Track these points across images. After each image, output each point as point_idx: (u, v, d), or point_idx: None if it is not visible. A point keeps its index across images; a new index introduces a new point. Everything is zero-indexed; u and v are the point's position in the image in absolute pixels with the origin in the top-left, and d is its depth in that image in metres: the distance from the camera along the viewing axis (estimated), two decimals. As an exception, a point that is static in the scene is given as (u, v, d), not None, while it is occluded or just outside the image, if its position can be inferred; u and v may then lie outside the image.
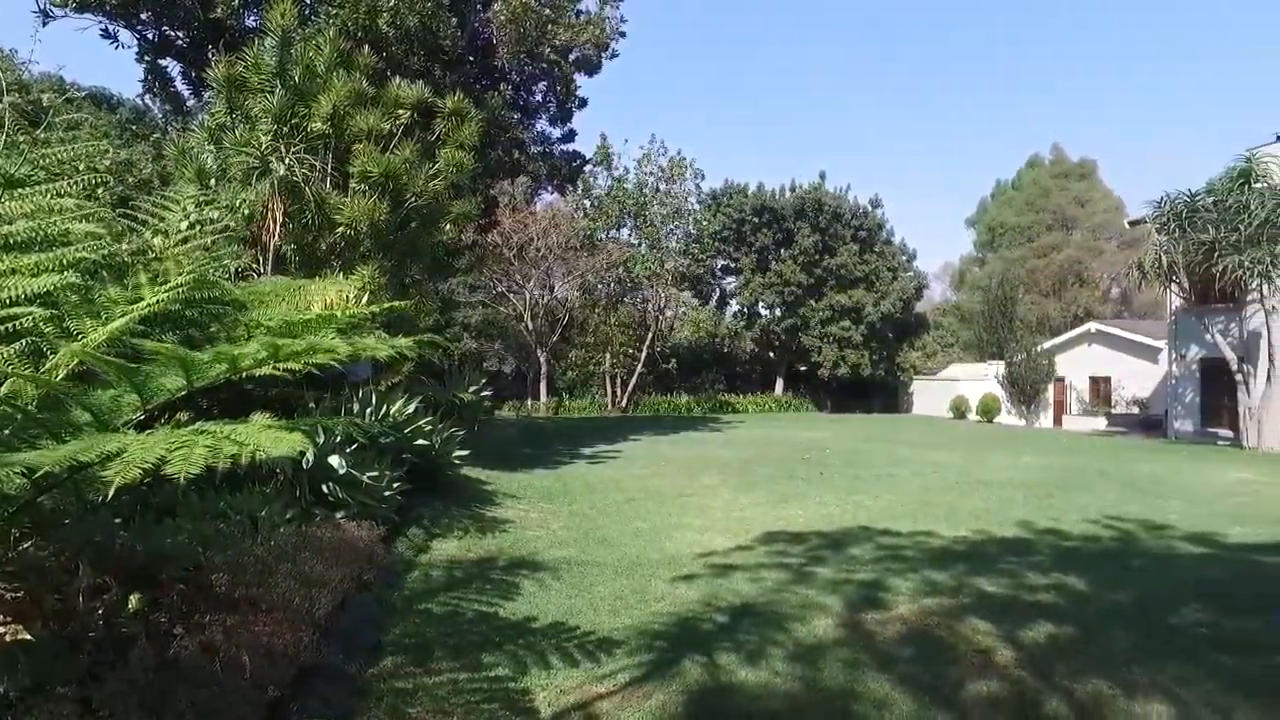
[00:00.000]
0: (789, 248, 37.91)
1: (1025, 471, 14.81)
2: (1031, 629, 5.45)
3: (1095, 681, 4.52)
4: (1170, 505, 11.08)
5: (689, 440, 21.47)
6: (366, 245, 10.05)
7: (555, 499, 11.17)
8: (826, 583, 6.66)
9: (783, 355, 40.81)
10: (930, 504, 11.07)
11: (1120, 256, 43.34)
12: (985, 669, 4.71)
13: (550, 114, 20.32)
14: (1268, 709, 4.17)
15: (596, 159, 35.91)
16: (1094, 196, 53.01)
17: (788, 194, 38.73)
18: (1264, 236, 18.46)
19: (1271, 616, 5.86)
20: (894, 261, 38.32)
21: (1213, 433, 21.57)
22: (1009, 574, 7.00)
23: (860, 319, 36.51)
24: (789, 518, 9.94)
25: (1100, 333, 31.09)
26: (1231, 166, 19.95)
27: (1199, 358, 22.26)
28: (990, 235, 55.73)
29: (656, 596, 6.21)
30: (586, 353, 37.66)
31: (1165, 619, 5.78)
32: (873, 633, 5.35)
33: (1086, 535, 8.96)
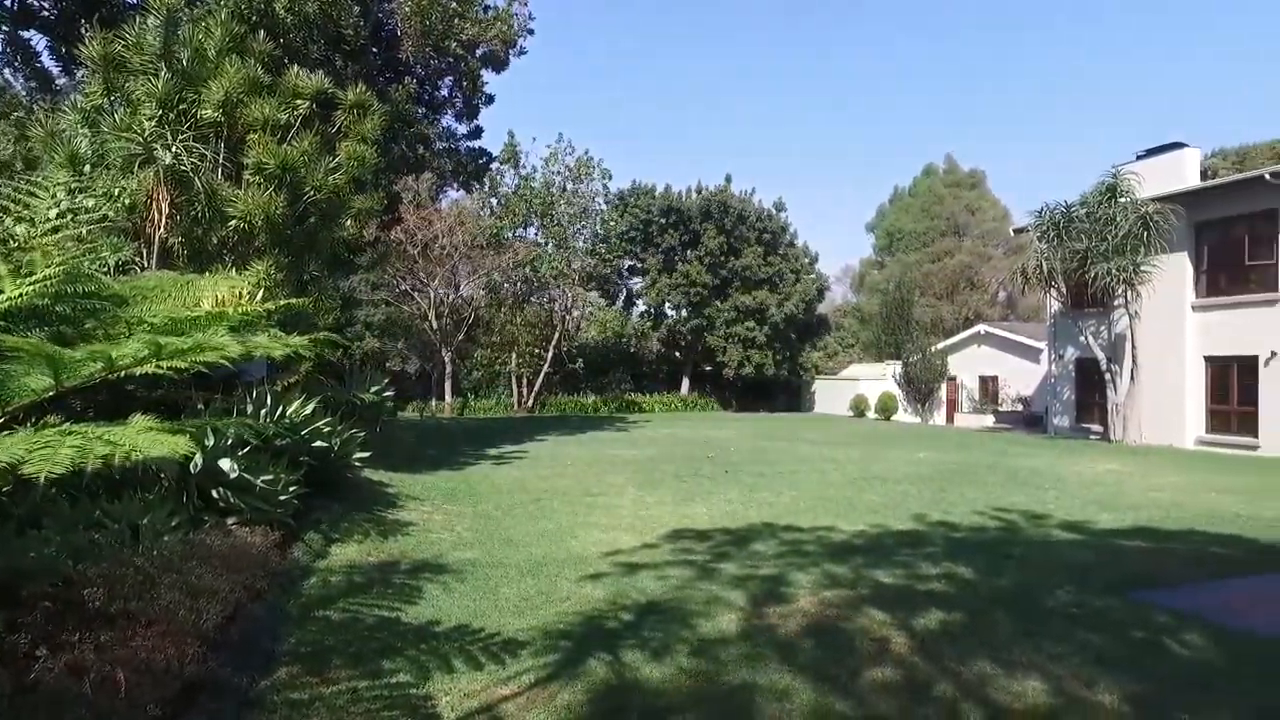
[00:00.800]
0: (695, 249, 38.39)
1: (920, 467, 15.45)
2: (924, 616, 5.69)
3: (980, 663, 4.76)
4: (1048, 496, 11.79)
5: (595, 440, 21.48)
6: (262, 240, 9.62)
7: (460, 500, 10.97)
8: (731, 578, 6.78)
9: (688, 355, 41.31)
10: (830, 499, 11.42)
11: (1007, 262, 45.71)
12: (881, 656, 4.89)
13: (456, 110, 19.96)
14: (1124, 678, 4.50)
15: (503, 157, 35.49)
16: (983, 205, 55.84)
17: (694, 196, 39.22)
18: (1128, 247, 19.87)
19: (1130, 594, 6.32)
20: (797, 264, 39.30)
21: (1085, 428, 23.05)
22: (904, 565, 7.29)
23: (764, 320, 37.30)
24: (694, 515, 10.06)
25: (989, 334, 32.75)
26: (1100, 181, 21.38)
27: (1074, 358, 23.75)
28: (888, 240, 57.93)
29: (562, 596, 6.19)
30: (492, 352, 37.17)
31: (1042, 601, 6.14)
32: (775, 626, 5.47)
33: (975, 526, 9.42)
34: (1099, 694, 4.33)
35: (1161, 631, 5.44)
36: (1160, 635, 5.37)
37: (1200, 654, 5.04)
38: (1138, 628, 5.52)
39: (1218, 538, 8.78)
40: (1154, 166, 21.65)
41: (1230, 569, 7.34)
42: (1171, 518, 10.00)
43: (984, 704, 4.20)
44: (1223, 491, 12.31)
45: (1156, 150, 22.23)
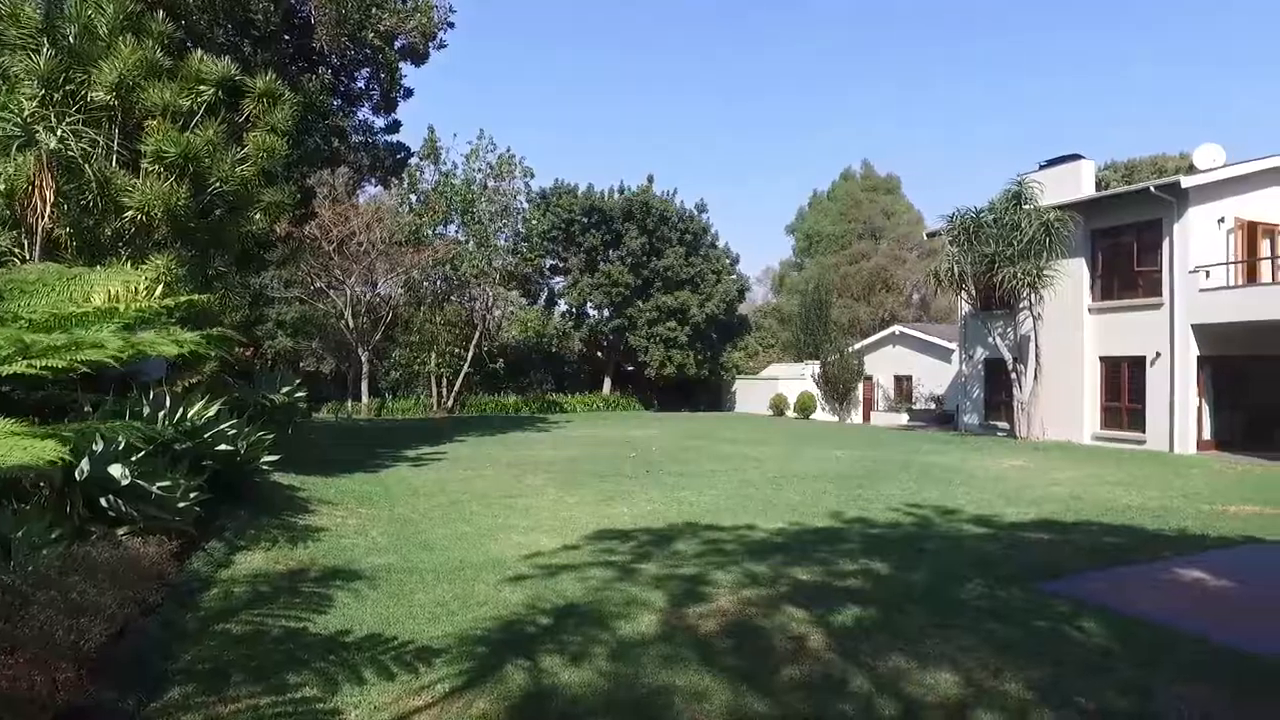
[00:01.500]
0: (617, 249, 38.39)
1: (837, 465, 15.79)
2: (841, 613, 5.78)
3: (895, 657, 4.86)
4: (959, 491, 12.20)
5: (516, 440, 21.22)
6: (163, 232, 9.11)
7: (375, 504, 10.65)
8: (651, 579, 6.76)
9: (610, 355, 41.29)
10: (751, 498, 11.54)
11: (920, 265, 47.35)
12: (799, 654, 4.94)
13: (374, 103, 19.38)
14: (1029, 666, 4.66)
15: (423, 152, 34.73)
16: (898, 209, 57.65)
17: (616, 196, 39.19)
18: (1032, 252, 20.78)
19: (1033, 585, 6.57)
20: (718, 264, 39.71)
21: (993, 425, 24.00)
22: (822, 562, 7.41)
23: (686, 320, 37.55)
24: (615, 516, 10.02)
25: (903, 335, 33.75)
26: (1007, 189, 22.29)
27: (983, 358, 24.69)
28: (808, 242, 59.17)
29: (480, 601, 6.05)
30: (411, 352, 36.32)
31: (953, 594, 6.33)
32: (695, 626, 5.47)
33: (890, 522, 9.67)
34: (1005, 683, 4.46)
35: (1062, 620, 5.67)
36: (1061, 623, 5.59)
37: (1097, 640, 5.26)
38: (1041, 617, 5.74)
39: (1111, 528, 9.25)
40: (1054, 176, 22.71)
41: (1123, 557, 7.72)
42: (1070, 510, 10.47)
43: (898, 698, 4.28)
44: (1115, 484, 12.97)
45: (1056, 161, 23.30)
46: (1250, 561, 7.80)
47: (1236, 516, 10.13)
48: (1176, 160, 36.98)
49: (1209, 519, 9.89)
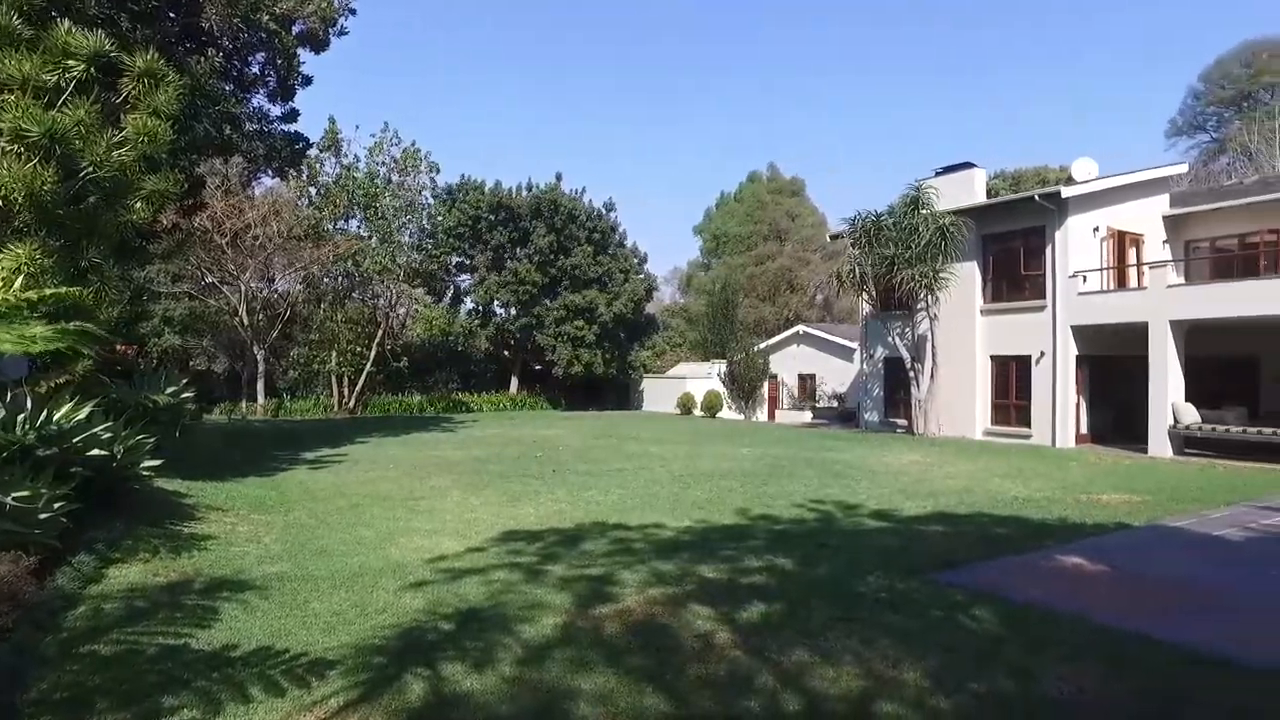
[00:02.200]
0: (525, 247, 37.97)
1: (743, 463, 16.02)
2: (747, 609, 5.82)
3: (799, 652, 4.91)
4: (860, 487, 12.55)
5: (420, 441, 20.70)
6: (25, 219, 8.39)
7: (269, 509, 10.16)
8: (558, 580, 6.66)
9: (518, 354, 40.82)
10: (658, 497, 11.57)
11: (824, 266, 48.70)
12: (706, 652, 4.93)
13: (269, 90, 18.50)
14: (926, 655, 4.79)
15: (324, 144, 33.48)
16: (803, 212, 59.05)
17: (524, 193, 38.76)
18: (929, 255, 21.62)
19: (930, 576, 6.80)
20: (626, 264, 39.79)
21: (893, 422, 24.85)
22: (728, 560, 7.46)
23: (594, 319, 37.47)
24: (522, 517, 9.87)
25: (807, 334, 34.56)
26: (905, 194, 23.10)
27: (883, 357, 25.53)
28: (715, 243, 59.95)
29: (379, 608, 5.82)
30: (311, 351, 34.96)
31: (854, 588, 6.47)
32: (601, 627, 5.40)
33: (794, 518, 9.84)
34: (904, 673, 4.57)
35: (957, 609, 5.87)
36: (956, 612, 5.79)
37: (988, 627, 5.47)
38: (937, 607, 5.92)
39: (1001, 519, 9.69)
40: (949, 182, 23.69)
41: (1011, 547, 8.09)
42: (964, 503, 10.92)
43: (802, 692, 4.32)
44: (1004, 477, 13.62)
45: (951, 168, 24.33)
46: (1121, 545, 8.29)
47: (1109, 505, 10.77)
48: (1057, 172, 39.18)
49: (1086, 508, 10.48)
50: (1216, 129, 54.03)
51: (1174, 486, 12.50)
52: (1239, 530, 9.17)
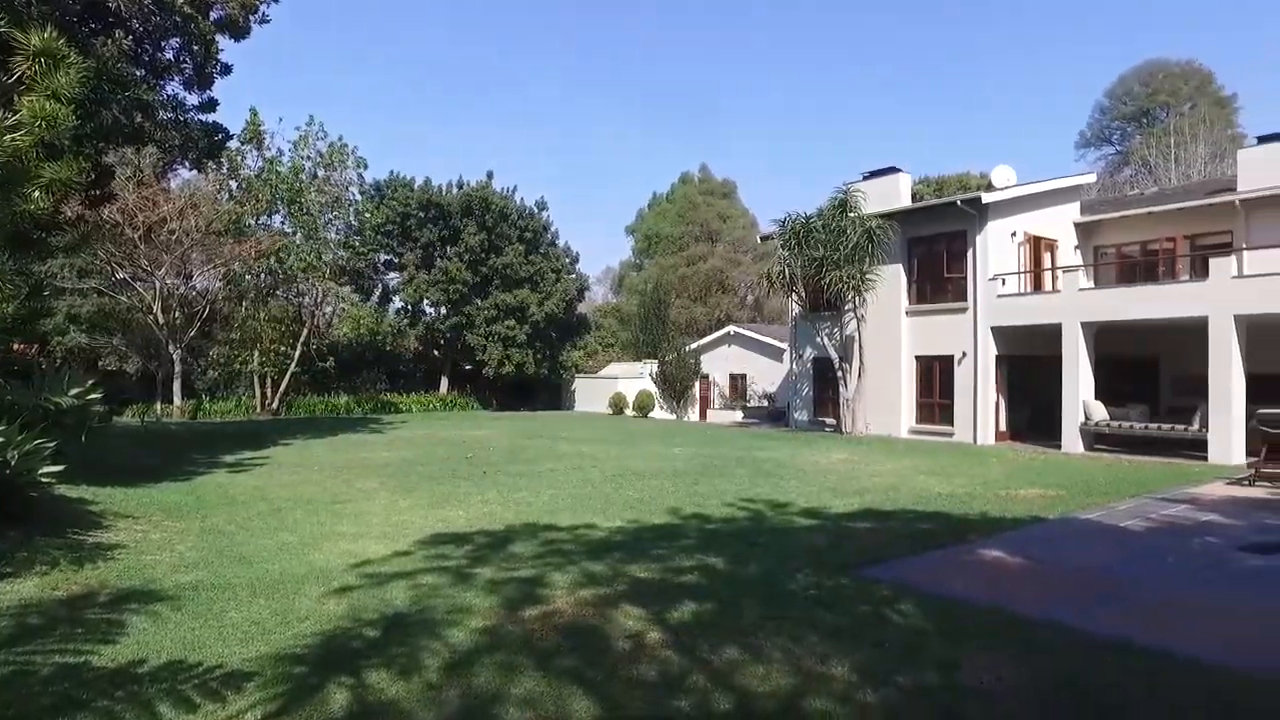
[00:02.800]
0: (455, 245, 37.38)
1: (675, 462, 16.09)
2: (678, 609, 5.82)
3: (730, 650, 4.93)
4: (790, 485, 12.73)
5: (347, 443, 20.17)
6: (-99, 206, 7.81)
7: (184, 515, 9.74)
8: (487, 583, 6.55)
9: (448, 354, 40.18)
10: (589, 497, 11.51)
11: (754, 267, 49.23)
12: (637, 653, 4.90)
13: (185, 76, 17.73)
14: (854, 650, 4.87)
15: (245, 136, 32.30)
16: (734, 213, 59.70)
17: (455, 191, 38.17)
18: (856, 257, 22.12)
19: (857, 572, 6.92)
20: (558, 263, 39.58)
21: (822, 421, 25.33)
22: (659, 559, 7.46)
23: (525, 318, 37.15)
24: (451, 519, 9.69)
25: (738, 335, 34.95)
26: (834, 197, 23.60)
27: (812, 357, 25.99)
28: (647, 243, 60.13)
29: (301, 616, 5.62)
30: (232, 350, 33.66)
31: (784, 585, 6.54)
32: (531, 630, 5.32)
33: (725, 517, 9.91)
34: (833, 668, 4.63)
35: (883, 604, 5.99)
36: (882, 607, 5.90)
37: (913, 620, 5.60)
38: (864, 602, 6.03)
39: (925, 515, 9.95)
40: (876, 186, 24.28)
41: (935, 542, 8.30)
42: (890, 500, 11.18)
43: (733, 691, 4.33)
44: (928, 474, 14.01)
45: (878, 173, 24.93)
46: (1037, 538, 8.61)
47: (1025, 499, 11.18)
48: (978, 179, 40.59)
49: (1005, 503, 10.86)
50: (1120, 142, 56.91)
51: (1085, 481, 13.05)
52: (1141, 521, 9.63)
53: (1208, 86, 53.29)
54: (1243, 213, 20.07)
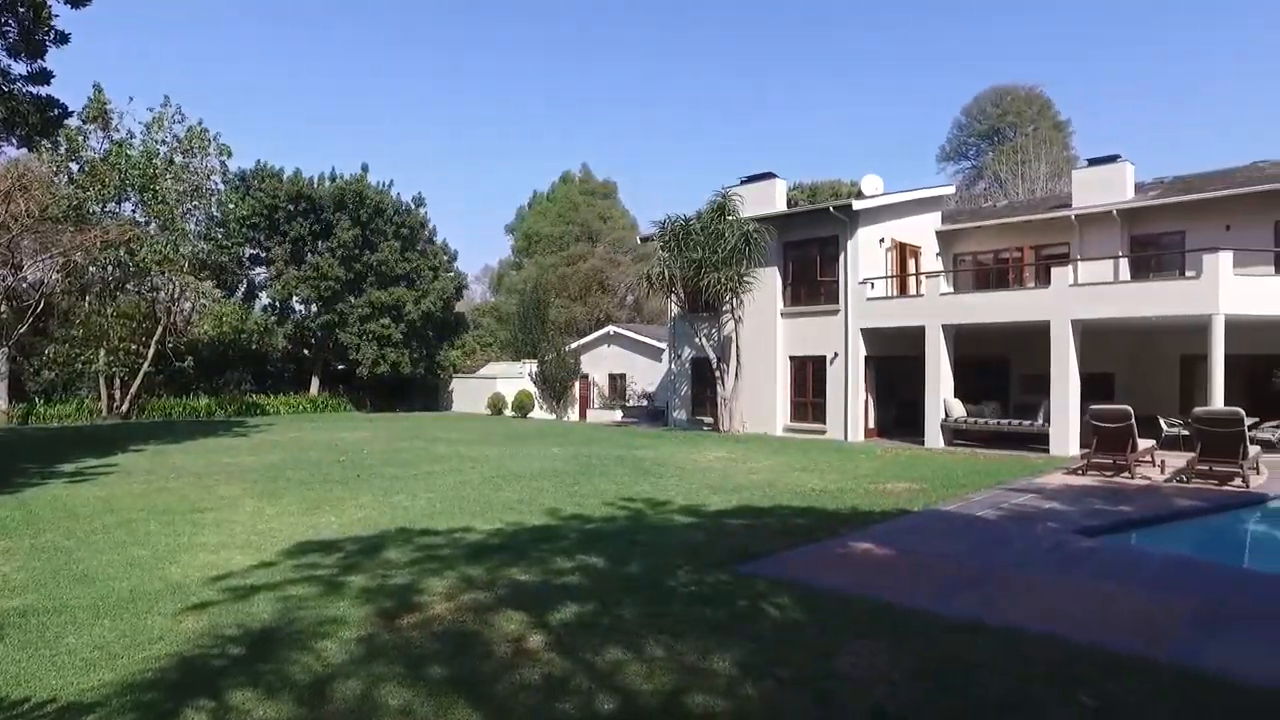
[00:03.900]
0: (327, 240, 35.75)
1: (554, 462, 15.99)
2: (560, 611, 5.77)
3: (613, 650, 4.93)
4: (669, 483, 12.88)
5: (208, 447, 18.95)
6: None
7: (11, 533, 8.87)
8: (361, 591, 6.29)
9: (319, 353, 38.44)
10: (468, 499, 11.27)
11: (634, 268, 49.61)
12: (519, 658, 4.82)
13: (9, 42, 16.12)
14: (734, 645, 4.96)
15: (89, 114, 29.76)
16: (614, 214, 60.04)
17: (327, 184, 36.51)
18: (734, 259, 22.68)
19: (736, 567, 7.08)
20: (436, 261, 38.55)
21: (700, 420, 25.81)
22: (540, 561, 7.37)
23: (401, 317, 36.00)
24: (322, 525, 9.26)
25: (618, 335, 35.14)
26: (712, 200, 24.12)
27: (691, 358, 26.45)
28: (527, 242, 59.61)
29: (154, 637, 5.21)
30: (73, 349, 30.92)
31: (665, 583, 6.60)
32: (408, 638, 5.15)
33: (605, 517, 9.92)
34: (714, 663, 4.71)
35: (761, 598, 6.14)
36: (760, 601, 6.05)
37: (790, 613, 5.76)
38: (743, 597, 6.17)
39: (800, 510, 10.28)
40: (753, 191, 24.99)
41: (810, 537, 8.59)
42: (766, 496, 11.49)
43: (617, 691, 4.32)
44: (802, 470, 14.50)
45: (755, 177, 25.66)
46: (904, 530, 9.06)
47: (892, 493, 11.76)
48: (849, 186, 42.47)
49: (874, 497, 11.38)
50: (975, 157, 60.99)
51: (945, 474, 13.86)
52: (994, 511, 10.31)
53: (1047, 111, 58.04)
54: (1077, 227, 21.98)
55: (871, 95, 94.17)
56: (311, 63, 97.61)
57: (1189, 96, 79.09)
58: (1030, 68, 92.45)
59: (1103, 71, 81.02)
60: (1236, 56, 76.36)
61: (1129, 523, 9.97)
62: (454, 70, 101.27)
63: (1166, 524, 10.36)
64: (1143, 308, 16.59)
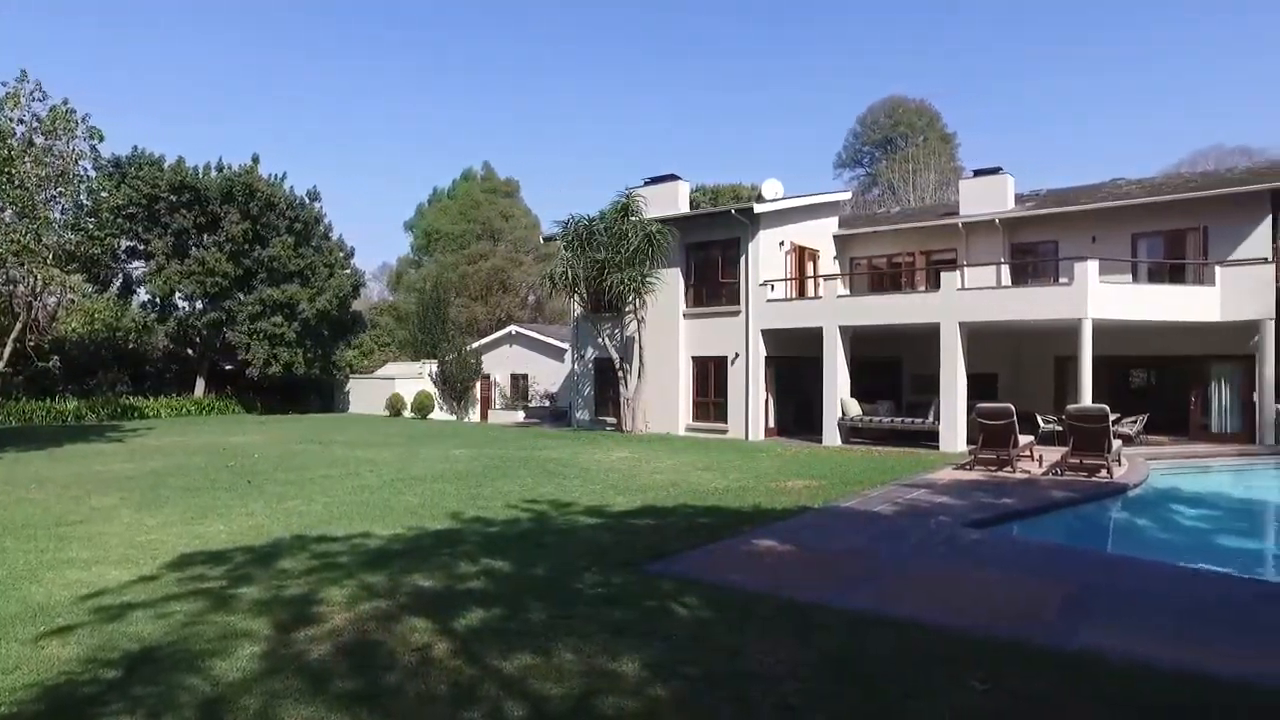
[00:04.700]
0: (214, 233, 33.90)
1: (456, 464, 15.66)
2: (464, 616, 5.64)
3: (521, 655, 4.85)
4: (573, 484, 12.82)
5: (78, 455, 17.67)
6: None
7: None
8: (253, 604, 5.97)
9: (205, 353, 36.40)
10: (366, 504, 10.91)
11: (537, 268, 49.22)
12: (424, 666, 4.68)
13: None
14: (642, 645, 4.96)
15: (-73, 90, 27.16)
16: (517, 213, 59.40)
17: (214, 174, 34.60)
18: (637, 260, 22.79)
19: (642, 568, 7.10)
20: (332, 257, 37.08)
21: (603, 420, 25.81)
22: (443, 566, 7.19)
23: (295, 315, 34.47)
24: (209, 536, 8.76)
25: (520, 334, 34.77)
26: (616, 201, 24.16)
27: (594, 358, 26.41)
28: (427, 240, 58.28)
29: (9, 666, 4.77)
30: (-88, 348, 28.25)
31: (571, 585, 6.55)
32: (306, 651, 4.92)
33: (509, 519, 9.77)
34: (623, 664, 4.69)
35: (668, 597, 6.16)
36: (667, 601, 6.07)
37: (697, 612, 5.81)
38: (650, 597, 6.18)
39: (704, 510, 10.40)
40: (657, 192, 25.15)
41: (714, 535, 8.69)
42: (670, 495, 11.58)
43: (525, 697, 4.24)
44: (705, 469, 14.69)
45: (658, 179, 25.83)
46: (805, 526, 9.29)
47: (793, 490, 12.05)
48: (750, 190, 43.33)
49: (775, 495, 11.62)
50: (870, 165, 63.39)
51: (843, 471, 14.31)
52: (890, 506, 10.71)
53: (935, 123, 60.94)
54: (964, 234, 23.11)
55: (772, 102, 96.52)
56: (202, 52, 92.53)
57: (1062, 113, 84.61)
58: (921, 81, 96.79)
59: (987, 88, 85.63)
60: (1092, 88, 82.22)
61: (1011, 514, 10.54)
62: (353, 63, 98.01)
63: (1044, 514, 11.00)
64: (1022, 311, 17.61)
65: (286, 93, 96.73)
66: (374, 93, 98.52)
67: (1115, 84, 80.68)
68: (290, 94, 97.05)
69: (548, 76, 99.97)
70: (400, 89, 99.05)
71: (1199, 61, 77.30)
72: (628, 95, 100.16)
